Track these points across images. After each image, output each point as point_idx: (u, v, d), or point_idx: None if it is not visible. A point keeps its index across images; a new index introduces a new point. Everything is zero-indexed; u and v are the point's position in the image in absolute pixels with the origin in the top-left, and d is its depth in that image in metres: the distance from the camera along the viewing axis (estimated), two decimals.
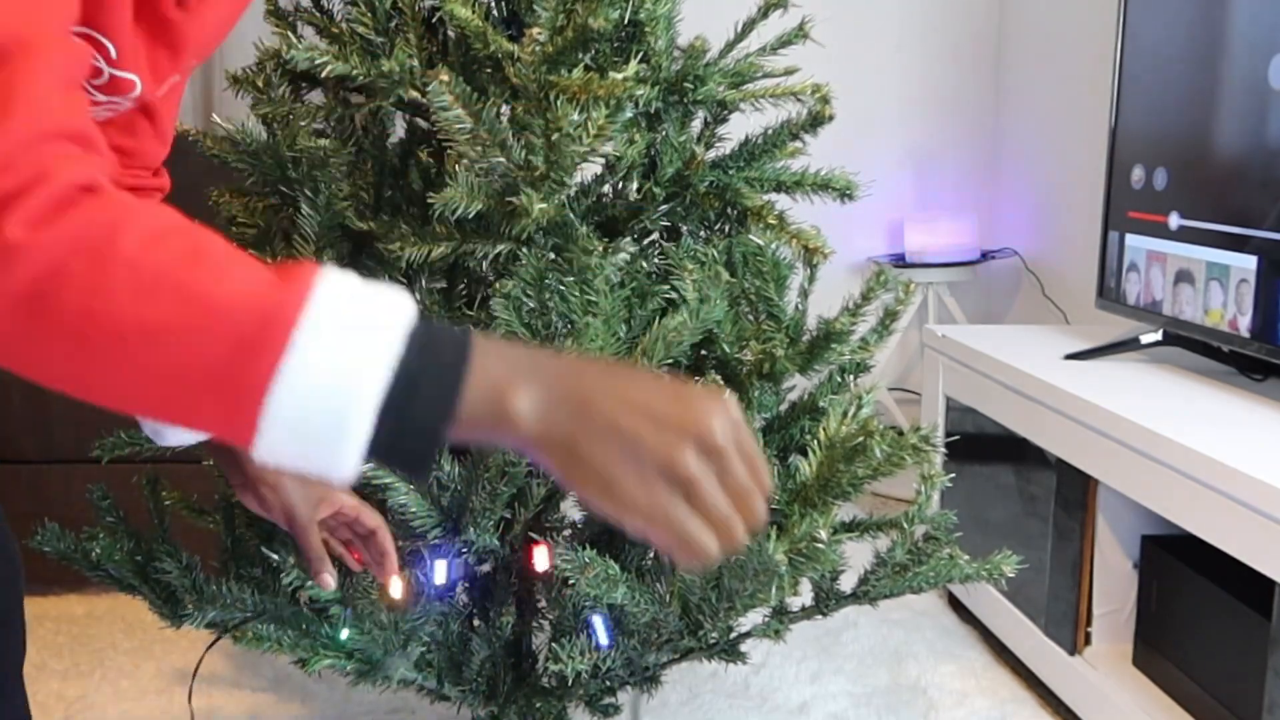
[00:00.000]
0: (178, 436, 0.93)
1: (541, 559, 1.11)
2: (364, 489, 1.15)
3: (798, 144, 1.21)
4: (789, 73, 1.21)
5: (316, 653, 1.14)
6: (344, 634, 1.12)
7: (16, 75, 0.54)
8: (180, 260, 0.52)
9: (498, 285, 1.11)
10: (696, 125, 1.24)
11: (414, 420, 0.53)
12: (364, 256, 1.21)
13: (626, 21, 1.10)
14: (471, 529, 1.10)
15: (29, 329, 0.52)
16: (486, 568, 1.36)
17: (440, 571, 1.11)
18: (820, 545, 0.97)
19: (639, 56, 1.11)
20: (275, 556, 1.10)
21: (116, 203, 0.54)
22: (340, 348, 0.51)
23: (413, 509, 1.09)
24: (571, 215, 1.10)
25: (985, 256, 2.73)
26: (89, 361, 0.52)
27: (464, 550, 1.12)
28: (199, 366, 0.51)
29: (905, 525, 1.20)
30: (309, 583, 1.11)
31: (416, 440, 0.53)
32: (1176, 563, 1.51)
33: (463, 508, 1.11)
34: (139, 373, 0.52)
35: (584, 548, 1.08)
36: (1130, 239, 1.79)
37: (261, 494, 0.98)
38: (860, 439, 1.05)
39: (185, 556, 1.28)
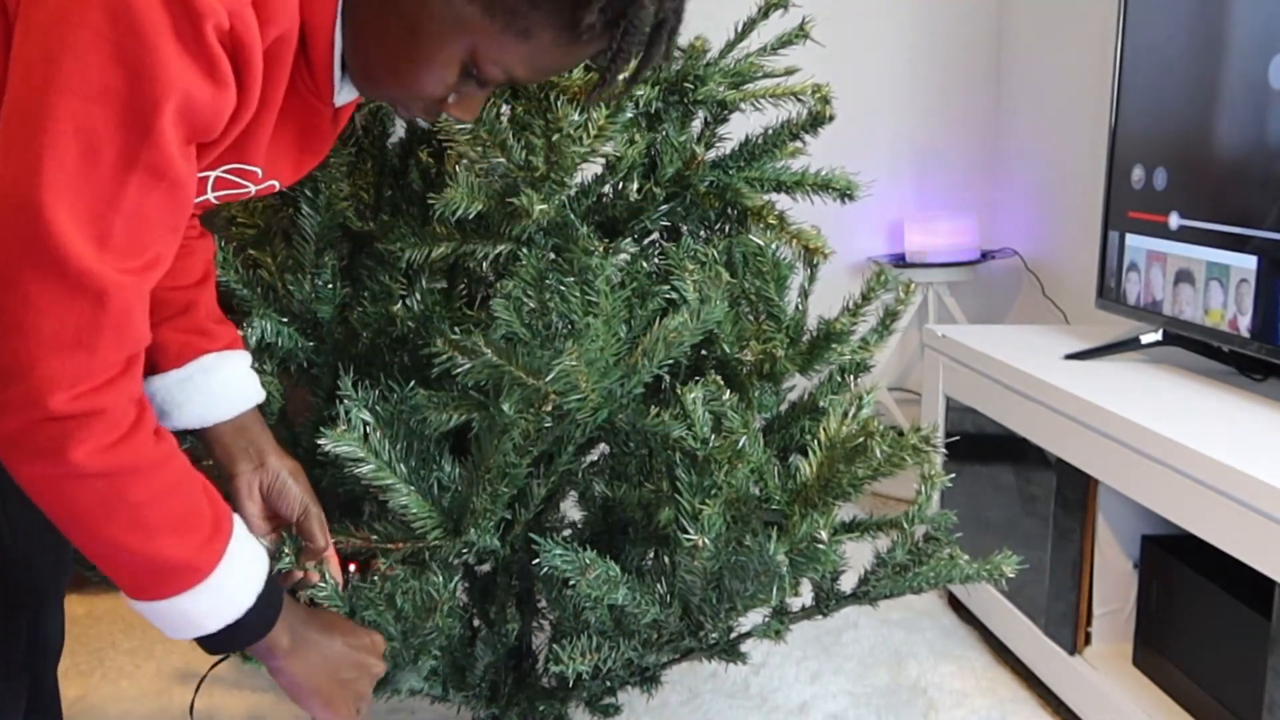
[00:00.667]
0: (184, 420, 1.01)
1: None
2: (365, 489, 1.15)
3: (798, 144, 1.21)
4: (789, 73, 1.21)
5: None
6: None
7: (103, 318, 0.74)
8: (160, 520, 0.82)
9: (498, 285, 1.11)
10: (697, 125, 1.24)
11: (219, 646, 0.91)
12: (364, 256, 1.21)
13: None
14: (472, 529, 1.10)
15: (56, 506, 0.80)
16: (486, 568, 1.36)
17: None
18: (821, 545, 0.97)
19: (639, 57, 1.11)
20: (265, 544, 1.09)
21: (145, 448, 0.80)
22: (208, 606, 0.87)
23: (413, 510, 1.09)
24: (572, 215, 1.10)
25: (985, 256, 2.73)
26: (78, 536, 0.81)
27: (464, 551, 1.12)
28: (138, 578, 0.85)
29: (905, 525, 1.20)
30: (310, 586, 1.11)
31: (216, 651, 0.92)
32: (1176, 563, 1.51)
33: (464, 508, 1.11)
34: (103, 558, 0.83)
35: (584, 548, 1.08)
36: (1130, 239, 1.79)
37: (275, 486, 1.03)
38: (860, 439, 1.05)
39: None
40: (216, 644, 0.90)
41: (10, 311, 0.72)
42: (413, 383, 1.15)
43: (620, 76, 0.81)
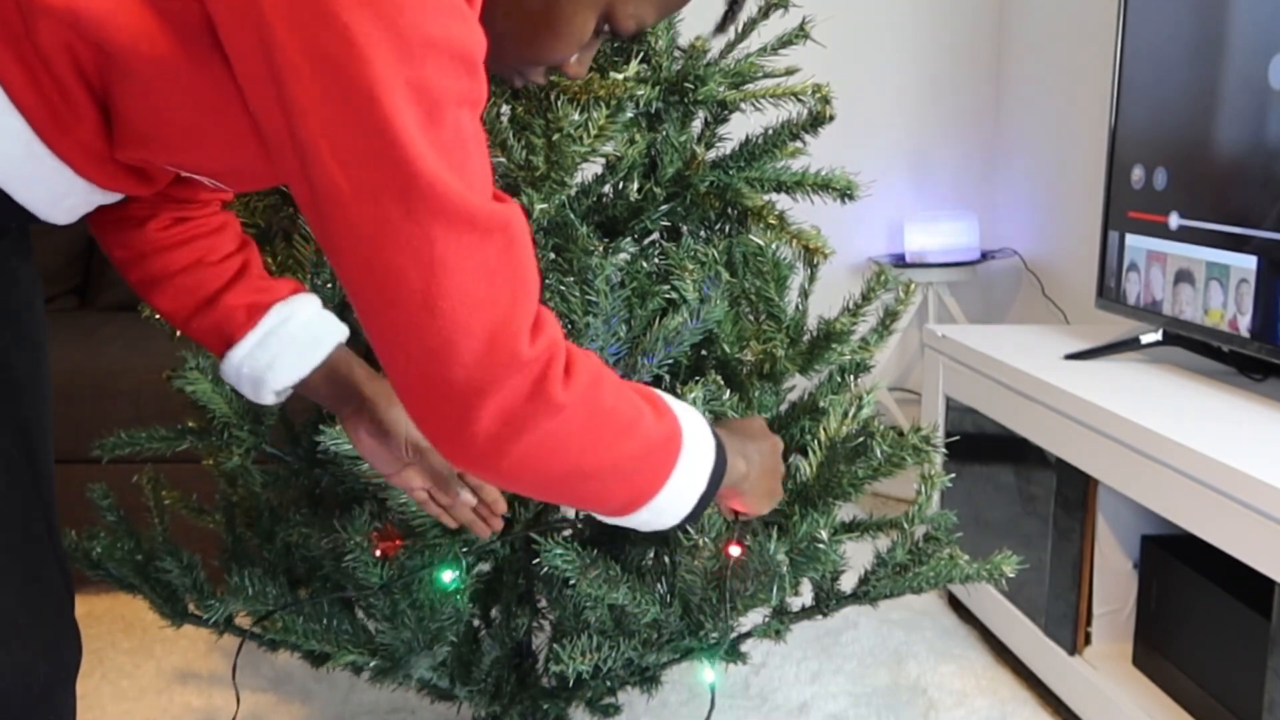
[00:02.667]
0: (278, 381, 0.97)
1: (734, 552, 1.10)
2: (363, 488, 1.15)
3: (798, 144, 1.21)
4: (789, 73, 1.21)
5: (341, 647, 1.14)
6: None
7: (517, 250, 0.71)
8: (628, 411, 0.79)
9: None
10: (697, 125, 1.24)
11: (702, 507, 0.87)
12: None
13: None
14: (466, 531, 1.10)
15: (554, 462, 0.75)
16: (486, 567, 1.36)
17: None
18: (821, 545, 0.97)
19: (640, 57, 1.11)
20: (325, 541, 1.08)
21: (587, 356, 0.77)
22: (686, 482, 0.84)
23: (413, 508, 1.09)
24: (571, 215, 1.10)
25: (985, 256, 2.73)
26: (580, 482, 0.77)
27: (465, 549, 1.12)
28: (642, 478, 0.81)
29: (905, 525, 1.20)
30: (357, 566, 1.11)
31: (701, 513, 0.87)
32: (1176, 563, 1.51)
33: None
34: (611, 481, 0.79)
35: (585, 548, 1.08)
36: (1130, 239, 1.79)
37: (379, 420, 0.99)
38: (861, 439, 1.05)
39: (186, 556, 1.29)
40: (710, 492, 0.86)
41: (445, 292, 0.68)
42: None
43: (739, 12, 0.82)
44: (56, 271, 2.57)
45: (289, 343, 0.96)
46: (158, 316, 1.27)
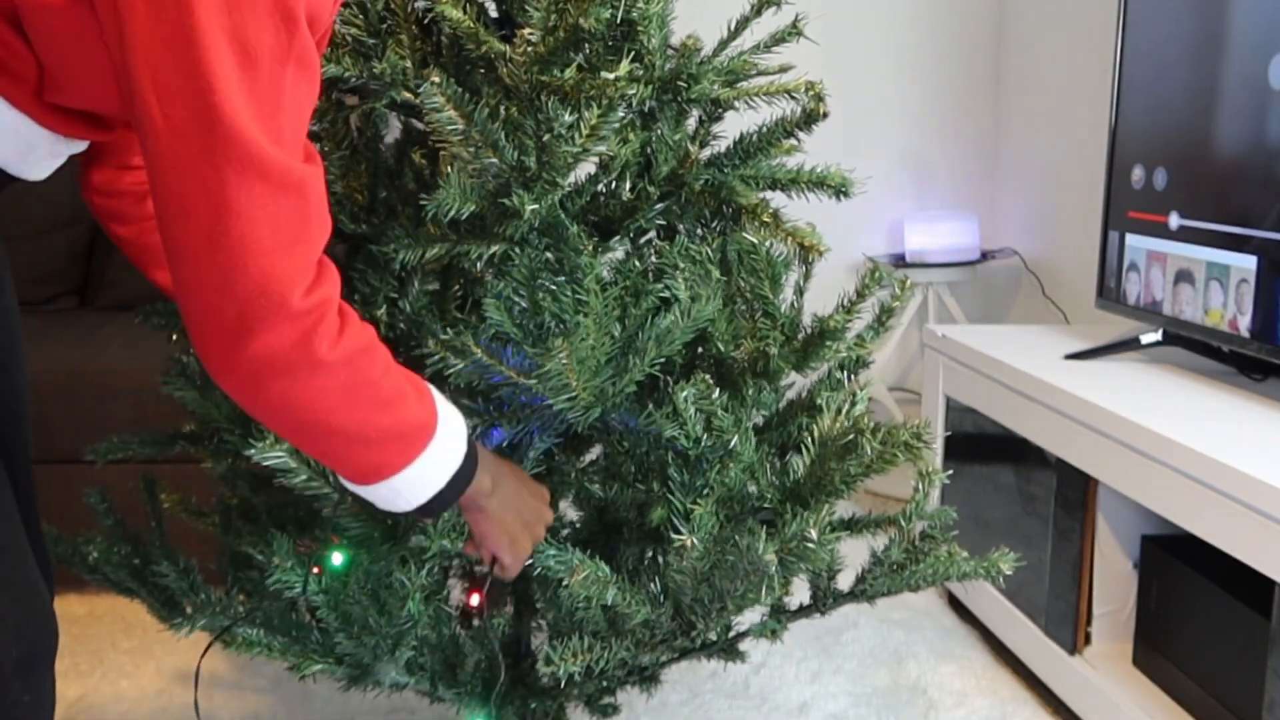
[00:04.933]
0: None
1: (474, 601, 1.13)
2: (297, 500, 1.15)
3: (792, 142, 1.20)
4: (783, 70, 1.21)
5: (307, 658, 1.14)
6: (337, 559, 1.12)
7: (308, 208, 0.76)
8: (393, 389, 0.85)
9: (490, 285, 1.11)
10: (691, 124, 1.24)
11: (438, 504, 0.94)
12: (357, 260, 1.21)
13: (619, 21, 1.09)
14: (420, 535, 1.10)
15: (305, 413, 0.81)
16: (484, 568, 1.36)
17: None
18: (810, 545, 0.97)
19: (632, 56, 1.11)
20: (259, 556, 1.10)
21: (364, 328, 0.83)
22: (428, 473, 0.90)
23: (344, 520, 1.10)
24: (562, 215, 1.10)
25: (985, 256, 2.72)
26: (330, 437, 0.84)
27: (424, 556, 1.12)
28: (386, 453, 0.87)
29: (903, 523, 1.20)
30: (292, 586, 1.12)
31: (437, 510, 0.94)
32: (1176, 563, 1.51)
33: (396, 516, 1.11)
34: (353, 446, 0.85)
35: (579, 549, 1.08)
36: (1130, 239, 1.79)
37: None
38: (851, 436, 1.05)
39: (182, 559, 1.28)
40: (443, 498, 0.92)
41: (228, 231, 0.73)
42: None
43: None
44: (56, 272, 2.57)
45: None
46: (156, 320, 1.28)
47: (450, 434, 0.91)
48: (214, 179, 0.72)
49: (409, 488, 0.90)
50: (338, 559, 1.10)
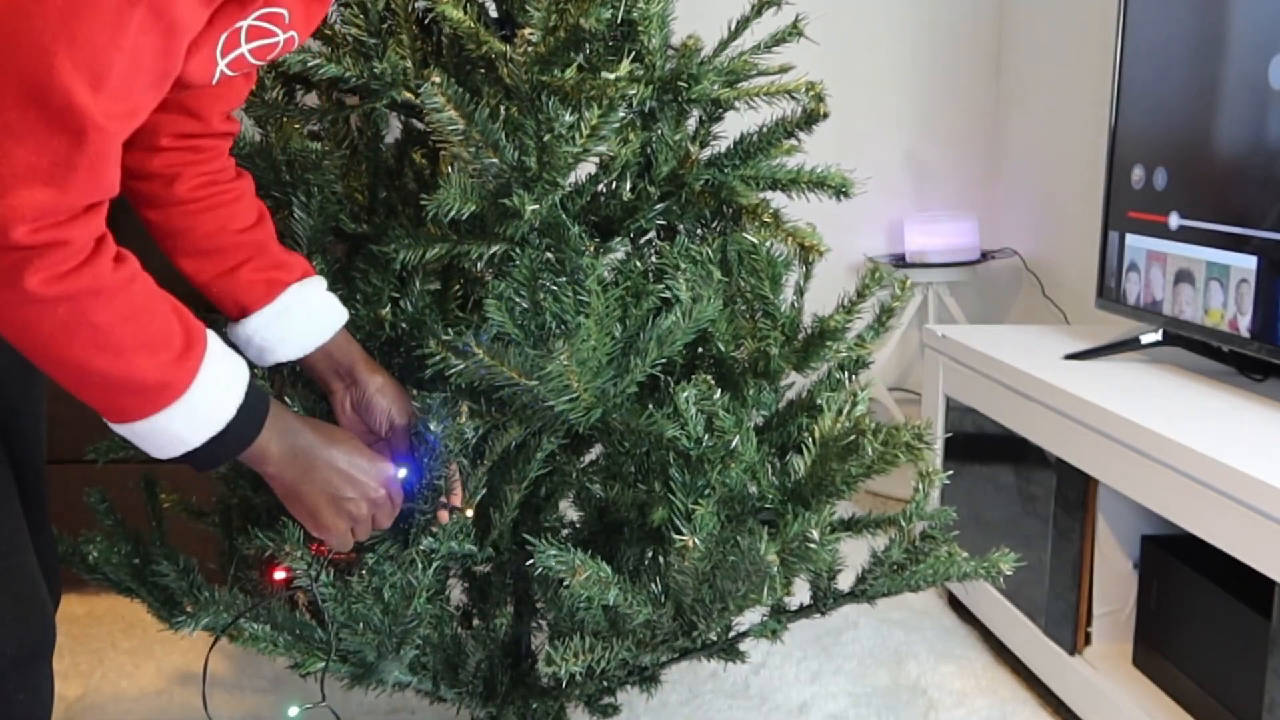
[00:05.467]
0: (285, 353, 1.07)
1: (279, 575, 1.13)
2: None
3: (792, 141, 1.20)
4: (783, 70, 1.21)
5: (311, 655, 1.14)
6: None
7: (84, 154, 0.73)
8: (128, 340, 0.82)
9: (491, 285, 1.11)
10: (691, 124, 1.24)
11: (197, 462, 0.92)
12: (358, 259, 1.21)
13: (619, 21, 1.09)
14: (428, 537, 1.10)
15: (16, 332, 0.79)
16: (485, 568, 1.36)
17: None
18: (812, 545, 0.97)
19: (632, 56, 1.11)
20: (270, 544, 1.10)
21: (104, 273, 0.79)
22: (181, 426, 0.88)
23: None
24: (563, 215, 1.10)
25: (985, 256, 2.72)
26: (45, 363, 0.82)
27: (432, 556, 1.12)
28: (114, 399, 0.87)
29: (903, 523, 1.20)
30: (300, 581, 1.12)
31: (205, 466, 0.93)
32: (1176, 563, 1.51)
33: (409, 517, 1.12)
34: (76, 382, 0.84)
35: (580, 549, 1.08)
36: (1130, 239, 1.79)
37: (366, 399, 1.09)
38: (852, 437, 1.05)
39: (183, 559, 1.28)
40: (204, 458, 0.91)
41: None
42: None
43: None
44: None
45: (303, 322, 1.06)
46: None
47: (214, 399, 0.89)
48: (5, 82, 0.69)
49: (154, 439, 0.88)
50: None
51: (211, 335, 0.91)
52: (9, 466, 0.93)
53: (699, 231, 1.25)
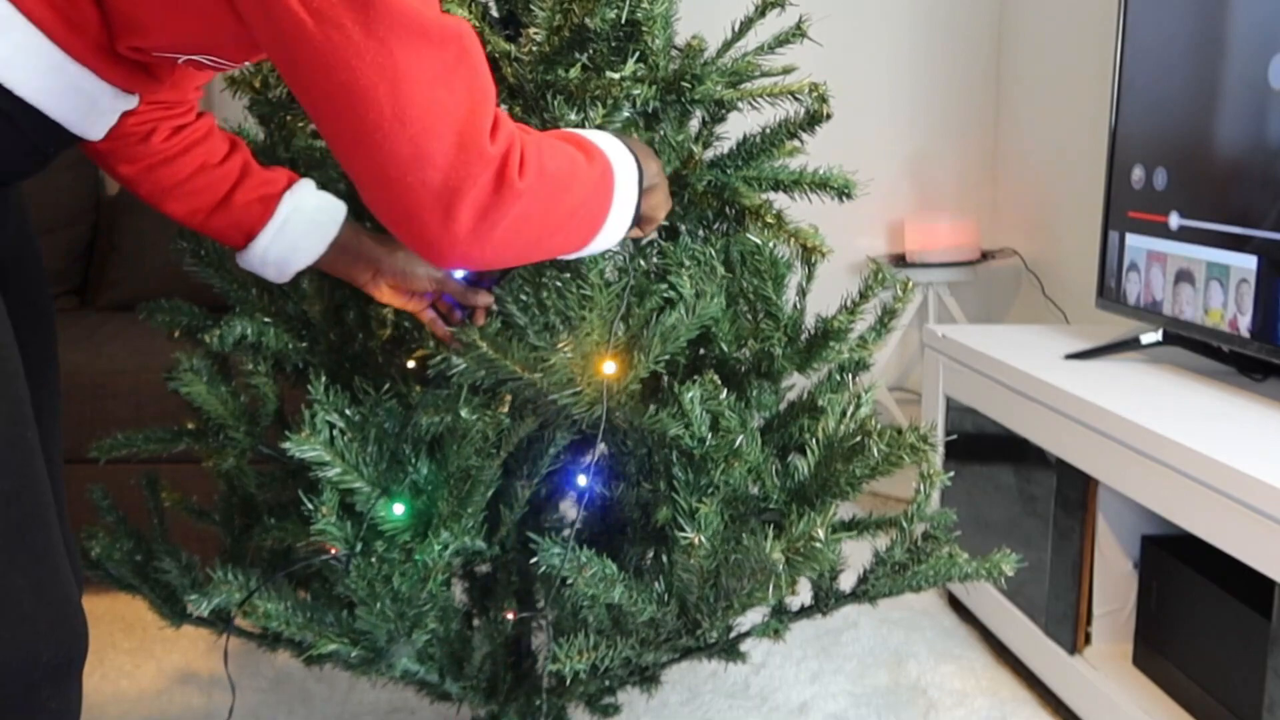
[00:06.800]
0: (305, 260, 1.09)
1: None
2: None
3: (795, 143, 1.21)
4: (786, 71, 1.21)
5: (322, 635, 1.14)
6: (398, 509, 1.13)
7: (471, 57, 0.77)
8: (568, 168, 0.88)
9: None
10: (694, 124, 1.24)
11: (636, 214, 1.00)
12: None
13: (624, 21, 1.09)
14: (444, 532, 1.10)
15: (529, 239, 0.85)
16: (486, 568, 1.36)
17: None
18: (817, 545, 0.97)
19: (636, 56, 1.11)
20: (309, 504, 1.10)
21: (532, 133, 0.85)
22: (624, 202, 0.96)
23: (379, 513, 1.10)
24: None
25: (985, 256, 2.72)
26: (553, 240, 0.90)
27: (443, 551, 1.12)
28: (601, 212, 0.94)
29: (904, 524, 1.20)
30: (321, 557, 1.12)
31: (637, 220, 1.01)
32: (1176, 563, 1.51)
33: (431, 511, 1.11)
34: (574, 231, 0.92)
35: (581, 547, 1.08)
36: (1130, 239, 1.79)
37: (397, 271, 1.10)
38: (858, 438, 1.05)
39: (184, 556, 1.29)
40: (639, 199, 0.98)
41: (412, 101, 0.73)
42: (386, 386, 1.15)
43: None
44: (57, 272, 2.57)
45: (308, 225, 1.07)
46: (159, 317, 1.28)
47: (619, 158, 0.95)
48: (383, 54, 0.72)
49: (616, 222, 0.95)
50: (399, 509, 1.11)
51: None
52: (44, 466, 0.92)
53: (702, 232, 1.25)
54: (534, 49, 1.05)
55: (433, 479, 1.12)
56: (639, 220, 1.02)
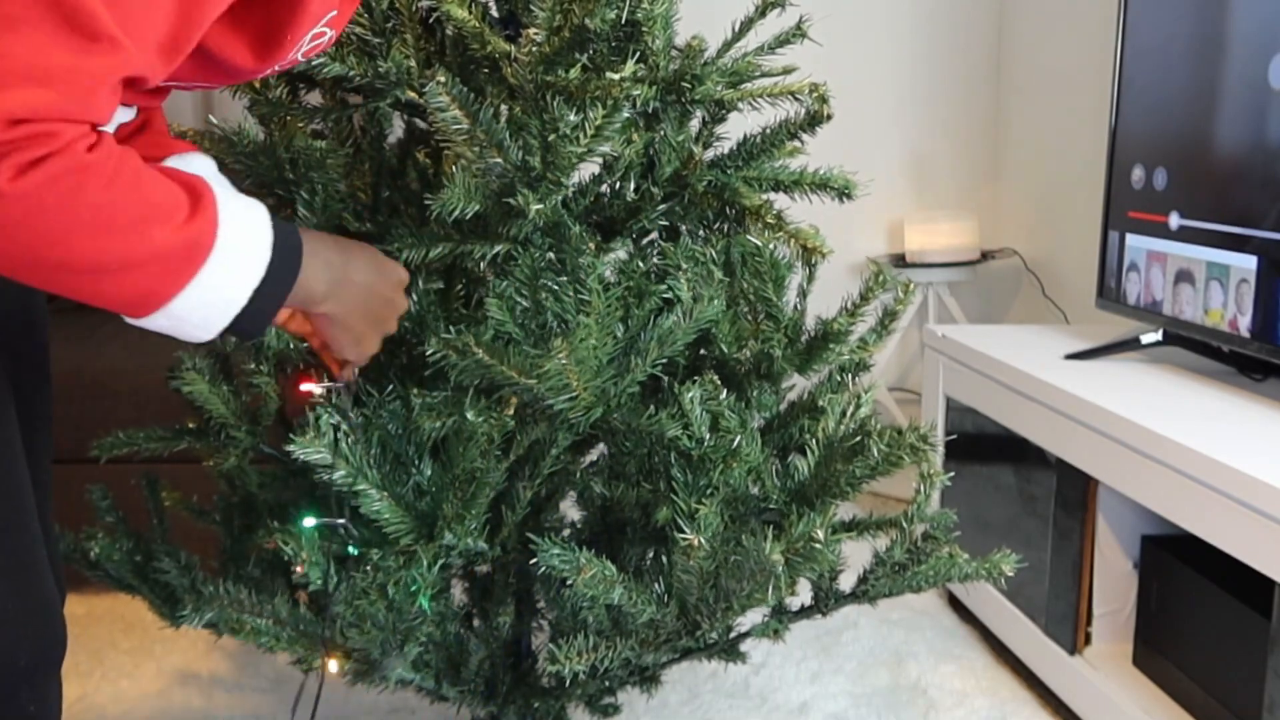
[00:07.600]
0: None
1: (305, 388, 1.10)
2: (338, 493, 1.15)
3: (796, 143, 1.21)
4: (787, 72, 1.21)
5: (314, 650, 1.14)
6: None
7: (88, 63, 0.68)
8: (128, 208, 0.73)
9: (493, 284, 1.11)
10: (694, 125, 1.24)
11: (251, 324, 0.83)
12: None
13: (624, 21, 1.09)
14: (448, 534, 1.10)
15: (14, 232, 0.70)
16: (485, 568, 1.36)
17: None
18: (817, 545, 0.97)
19: (636, 56, 1.11)
20: (286, 548, 1.10)
21: (99, 155, 0.71)
22: (224, 285, 0.80)
23: (385, 515, 1.09)
24: (566, 215, 1.10)
25: (985, 256, 2.72)
26: (64, 259, 0.72)
27: (447, 553, 1.12)
28: (151, 281, 0.77)
29: (904, 524, 1.20)
30: (305, 580, 1.12)
31: (253, 331, 0.84)
32: (1176, 563, 1.51)
33: (436, 513, 1.11)
34: (102, 275, 0.74)
35: (581, 548, 1.08)
36: (1130, 239, 1.79)
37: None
38: (858, 439, 1.05)
39: (184, 556, 1.29)
40: (254, 316, 0.82)
41: None
42: (390, 388, 1.15)
43: None
44: None
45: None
46: None
47: (244, 239, 0.80)
48: None
49: (198, 312, 0.79)
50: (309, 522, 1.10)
51: (214, 181, 0.83)
52: (29, 471, 0.92)
53: (701, 233, 1.25)
54: (534, 49, 1.05)
55: (437, 481, 1.12)
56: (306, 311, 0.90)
